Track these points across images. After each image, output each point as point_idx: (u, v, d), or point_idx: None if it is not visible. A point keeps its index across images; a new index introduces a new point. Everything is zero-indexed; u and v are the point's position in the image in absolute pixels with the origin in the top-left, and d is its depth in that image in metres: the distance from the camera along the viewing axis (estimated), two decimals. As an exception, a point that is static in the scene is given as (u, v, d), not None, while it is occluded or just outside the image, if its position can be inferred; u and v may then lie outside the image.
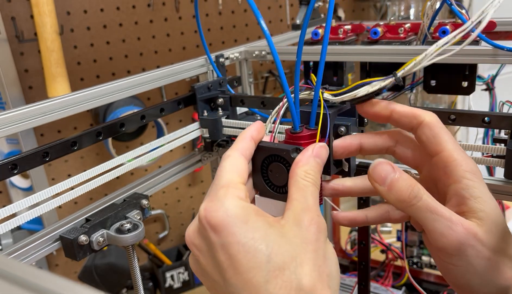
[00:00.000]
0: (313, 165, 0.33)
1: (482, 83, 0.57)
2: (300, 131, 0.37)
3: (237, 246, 0.27)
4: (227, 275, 0.28)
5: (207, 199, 0.30)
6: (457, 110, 0.44)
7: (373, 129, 1.28)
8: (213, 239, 0.28)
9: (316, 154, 0.33)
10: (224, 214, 0.28)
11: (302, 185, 0.31)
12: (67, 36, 0.95)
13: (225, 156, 0.33)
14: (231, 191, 0.30)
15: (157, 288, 1.14)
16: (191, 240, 0.31)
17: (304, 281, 0.27)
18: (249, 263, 0.27)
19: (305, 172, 0.32)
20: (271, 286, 0.27)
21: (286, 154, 0.34)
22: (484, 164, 0.44)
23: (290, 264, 0.27)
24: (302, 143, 0.36)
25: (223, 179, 0.31)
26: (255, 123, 0.35)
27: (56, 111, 0.46)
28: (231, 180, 0.31)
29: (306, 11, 0.54)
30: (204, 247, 0.29)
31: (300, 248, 0.28)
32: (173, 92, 1.10)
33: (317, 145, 0.34)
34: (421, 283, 0.85)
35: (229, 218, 0.28)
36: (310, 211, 0.30)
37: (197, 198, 1.22)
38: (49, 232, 0.45)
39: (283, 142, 0.38)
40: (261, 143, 0.35)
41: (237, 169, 0.32)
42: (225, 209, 0.28)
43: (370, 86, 0.43)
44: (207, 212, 0.29)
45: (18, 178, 0.97)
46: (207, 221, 0.29)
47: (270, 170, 0.36)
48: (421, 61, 0.41)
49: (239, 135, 0.35)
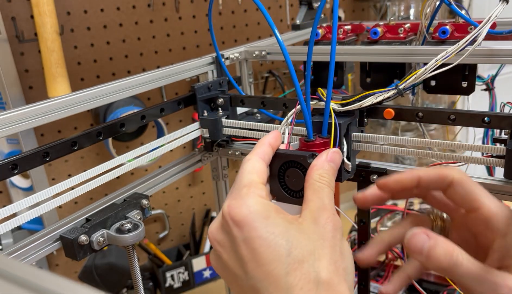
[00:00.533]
0: (328, 168, 0.35)
1: (482, 83, 0.57)
2: (314, 140, 0.39)
3: (259, 240, 0.29)
4: (248, 268, 0.29)
5: (230, 197, 0.32)
6: (457, 110, 0.44)
7: (373, 130, 1.28)
8: (236, 233, 0.30)
9: (330, 158, 0.35)
10: (247, 210, 0.30)
11: (318, 187, 0.33)
12: (67, 36, 0.95)
13: (245, 160, 0.35)
14: (253, 190, 0.32)
15: (157, 287, 1.14)
16: (214, 236, 0.32)
17: (322, 274, 0.28)
18: (270, 256, 0.29)
19: (320, 175, 0.34)
20: (291, 278, 0.28)
21: (303, 160, 0.36)
22: (484, 164, 0.44)
23: (309, 257, 0.29)
24: (316, 151, 0.39)
25: (244, 179, 0.33)
26: (272, 131, 0.38)
27: (56, 111, 0.46)
28: (253, 180, 0.33)
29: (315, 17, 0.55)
30: (227, 242, 0.31)
31: (317, 243, 0.30)
32: (173, 92, 1.10)
33: (331, 151, 0.36)
34: (421, 282, 0.85)
35: (251, 214, 0.30)
36: (326, 210, 0.32)
37: (197, 198, 1.23)
38: (50, 232, 0.45)
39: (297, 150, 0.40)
40: (278, 151, 0.38)
41: (257, 171, 0.34)
42: (247, 206, 0.30)
43: (374, 97, 0.46)
44: (231, 208, 0.31)
45: (18, 178, 0.97)
46: (230, 217, 0.30)
47: (287, 175, 0.38)
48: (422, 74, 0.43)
49: (258, 142, 0.37)
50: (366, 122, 0.48)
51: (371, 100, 0.45)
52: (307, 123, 0.39)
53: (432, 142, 0.45)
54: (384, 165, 0.51)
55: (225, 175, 0.71)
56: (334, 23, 0.38)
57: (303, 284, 0.28)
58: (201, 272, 1.14)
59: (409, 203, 1.17)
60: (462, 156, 0.45)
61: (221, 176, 0.70)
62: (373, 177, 0.50)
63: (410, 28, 0.59)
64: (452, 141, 0.45)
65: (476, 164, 0.45)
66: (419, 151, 0.47)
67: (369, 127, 1.28)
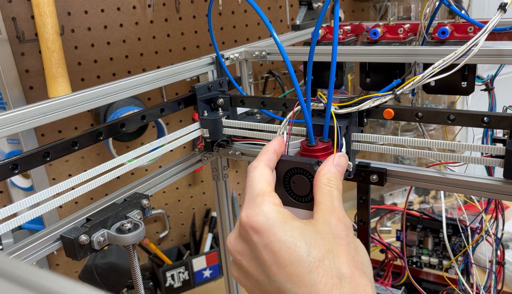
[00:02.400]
0: (335, 172, 0.36)
1: (481, 84, 0.57)
2: (316, 145, 0.40)
3: (279, 244, 0.30)
4: (271, 271, 0.30)
5: (245, 207, 0.33)
6: (456, 111, 0.44)
7: (373, 130, 1.28)
8: (256, 240, 0.31)
9: (336, 163, 0.37)
10: (264, 217, 0.32)
11: (327, 190, 0.35)
12: (68, 36, 0.95)
13: (252, 167, 0.36)
14: (267, 198, 0.33)
15: (158, 287, 1.14)
16: (233, 246, 0.34)
17: (343, 269, 0.30)
18: (291, 257, 0.30)
19: (328, 179, 0.35)
20: (314, 275, 0.29)
21: (310, 167, 0.37)
22: (483, 163, 0.45)
23: (328, 255, 0.30)
24: (318, 156, 0.40)
25: (256, 188, 0.34)
26: (276, 138, 0.40)
27: (57, 112, 0.46)
28: (264, 188, 0.34)
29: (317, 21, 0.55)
30: (247, 250, 0.33)
31: (333, 242, 0.31)
32: (174, 92, 1.10)
33: (337, 155, 0.38)
34: (420, 282, 0.85)
35: (269, 220, 0.31)
36: (336, 212, 0.33)
37: (197, 197, 1.23)
38: (50, 231, 0.45)
39: (298, 154, 0.41)
40: (283, 157, 0.39)
41: (266, 179, 0.35)
42: (264, 214, 0.32)
43: (371, 101, 0.46)
44: (249, 217, 0.32)
45: (19, 177, 0.97)
46: (249, 225, 0.32)
47: (292, 181, 0.39)
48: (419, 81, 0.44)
49: (263, 149, 0.39)
50: (365, 123, 0.49)
51: (368, 104, 0.46)
52: (308, 127, 0.40)
53: (432, 142, 0.45)
54: (384, 165, 0.51)
55: (225, 175, 0.71)
56: (335, 24, 0.38)
57: (327, 280, 0.29)
58: (201, 272, 1.14)
59: (409, 203, 1.17)
60: (461, 156, 0.45)
61: (221, 176, 0.70)
62: (372, 177, 0.50)
63: (409, 29, 0.59)
64: (451, 142, 0.45)
65: (476, 164, 0.45)
66: (418, 151, 0.47)
67: (368, 127, 1.28)
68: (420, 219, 0.81)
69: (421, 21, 0.56)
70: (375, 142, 0.48)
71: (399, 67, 0.57)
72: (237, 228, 0.34)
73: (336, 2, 0.38)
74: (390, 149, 0.48)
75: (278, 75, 1.13)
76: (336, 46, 0.39)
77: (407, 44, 0.58)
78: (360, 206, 0.57)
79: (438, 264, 0.82)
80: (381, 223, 1.24)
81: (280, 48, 0.41)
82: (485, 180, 0.45)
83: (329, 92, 0.40)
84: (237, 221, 0.34)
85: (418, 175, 0.49)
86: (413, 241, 0.83)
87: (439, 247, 0.81)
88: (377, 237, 0.81)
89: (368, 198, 0.58)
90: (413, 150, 0.47)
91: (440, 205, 1.27)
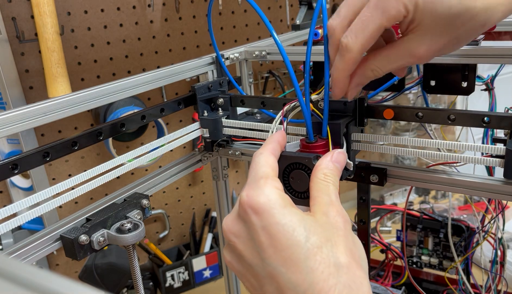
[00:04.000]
0: (332, 168, 0.36)
1: (481, 84, 0.57)
2: (315, 141, 0.40)
3: (277, 226, 0.30)
4: (266, 254, 0.30)
5: (247, 188, 0.33)
6: (456, 110, 0.44)
7: (373, 130, 1.28)
8: (254, 221, 0.31)
9: (335, 159, 0.36)
10: (266, 198, 0.31)
11: (323, 185, 0.34)
12: (68, 36, 0.95)
13: (258, 153, 0.36)
14: (270, 182, 0.33)
15: (158, 287, 1.14)
16: (229, 228, 0.33)
17: (341, 258, 0.30)
18: (289, 242, 0.29)
19: (324, 175, 0.35)
20: (311, 262, 0.29)
21: (308, 162, 0.37)
22: (483, 164, 0.45)
23: (326, 243, 0.30)
24: (317, 152, 0.40)
25: (260, 171, 0.34)
26: (279, 131, 0.39)
27: (57, 112, 0.46)
28: (268, 172, 0.34)
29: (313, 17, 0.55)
30: (244, 231, 0.32)
31: (331, 232, 0.31)
32: (173, 92, 1.10)
33: (336, 152, 0.37)
34: (420, 282, 0.85)
35: (270, 201, 0.31)
36: (334, 205, 0.33)
37: (197, 197, 1.23)
38: (50, 231, 0.45)
39: (298, 151, 0.41)
40: (282, 153, 0.38)
41: (270, 165, 0.35)
42: (266, 195, 0.31)
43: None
44: (249, 197, 0.31)
45: (18, 177, 0.97)
46: (249, 205, 0.31)
47: (291, 177, 0.38)
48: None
49: (267, 139, 0.38)
50: (366, 122, 0.49)
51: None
52: (307, 125, 0.40)
53: (432, 142, 0.45)
54: (384, 165, 0.51)
55: (225, 175, 0.71)
56: (324, 22, 0.38)
57: (324, 268, 0.29)
58: (201, 272, 1.14)
59: (409, 203, 1.17)
60: (462, 156, 0.45)
61: (221, 176, 0.70)
62: (372, 177, 0.50)
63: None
64: (452, 142, 0.45)
65: (476, 163, 0.45)
66: (419, 151, 0.47)
67: (368, 127, 1.28)
68: (420, 219, 0.81)
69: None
70: (375, 142, 0.48)
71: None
72: (235, 209, 0.33)
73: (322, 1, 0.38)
74: (390, 148, 0.48)
75: (278, 75, 1.13)
76: (327, 44, 0.38)
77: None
78: (360, 206, 0.57)
79: (438, 264, 0.82)
80: (381, 223, 1.24)
81: (280, 48, 0.41)
82: (485, 180, 0.45)
83: (325, 87, 0.40)
84: (236, 202, 0.33)
85: (418, 175, 0.49)
86: (413, 241, 0.83)
87: (439, 247, 0.81)
88: (377, 237, 0.81)
89: (368, 198, 0.58)
90: (413, 150, 0.47)
91: (441, 205, 1.27)
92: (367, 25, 0.35)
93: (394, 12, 0.34)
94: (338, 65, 0.37)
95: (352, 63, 0.37)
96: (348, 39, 0.35)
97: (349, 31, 0.36)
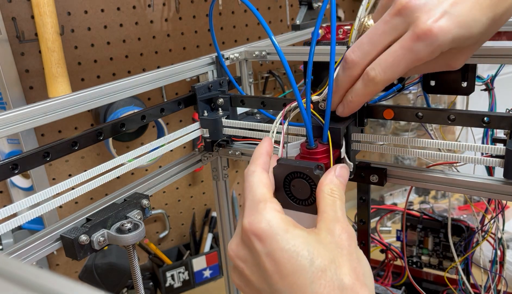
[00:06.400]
0: (337, 183, 0.36)
1: (481, 84, 0.57)
2: (316, 147, 0.40)
3: (281, 252, 0.30)
4: (273, 280, 0.30)
5: (247, 213, 0.33)
6: (456, 110, 0.44)
7: (373, 130, 1.28)
8: (259, 248, 0.31)
9: (338, 174, 0.37)
10: (267, 224, 0.31)
11: (330, 200, 0.35)
12: (68, 36, 0.95)
13: (250, 172, 0.36)
14: (269, 205, 0.33)
15: (158, 287, 1.14)
16: (235, 253, 0.33)
17: (345, 280, 0.30)
18: (293, 267, 0.30)
19: (331, 190, 0.35)
20: (316, 286, 0.29)
21: (310, 171, 0.37)
22: (483, 164, 0.45)
23: (330, 266, 0.30)
24: (318, 159, 0.40)
25: (257, 194, 0.34)
26: (265, 139, 0.39)
27: (57, 112, 0.46)
28: (265, 194, 0.34)
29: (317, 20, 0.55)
30: (249, 257, 0.32)
31: (336, 252, 0.31)
32: (173, 92, 1.10)
33: (339, 167, 0.37)
34: (420, 282, 0.85)
35: (272, 228, 0.31)
36: (339, 222, 0.33)
37: (197, 197, 1.23)
38: (50, 231, 0.45)
39: (298, 157, 0.41)
40: (282, 161, 0.38)
41: (265, 184, 0.35)
42: (267, 221, 0.32)
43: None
44: (251, 224, 0.32)
45: (19, 177, 0.97)
46: (252, 232, 0.32)
47: (292, 185, 0.38)
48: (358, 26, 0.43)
49: (255, 152, 0.38)
50: (365, 123, 0.49)
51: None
52: (308, 130, 0.40)
53: (432, 142, 0.45)
54: (384, 165, 0.51)
55: (225, 175, 0.71)
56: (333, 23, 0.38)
57: (329, 291, 0.29)
58: (201, 272, 1.14)
59: (409, 203, 1.17)
60: (462, 156, 0.45)
61: (221, 176, 0.70)
62: (372, 177, 0.50)
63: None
64: (452, 142, 0.45)
65: (476, 164, 0.45)
66: (419, 151, 0.47)
67: (368, 127, 1.28)
68: (420, 219, 0.81)
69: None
70: (375, 142, 0.48)
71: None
72: (238, 234, 0.34)
73: (332, 2, 0.38)
74: (390, 148, 0.48)
75: (278, 75, 1.13)
76: (334, 46, 0.38)
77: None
78: (360, 206, 0.57)
79: (438, 264, 0.82)
80: (381, 223, 1.24)
81: (277, 50, 0.40)
82: (485, 180, 0.45)
83: (328, 92, 0.40)
84: (238, 228, 0.34)
85: (418, 175, 0.49)
86: (413, 241, 0.83)
87: (439, 247, 0.81)
88: (377, 237, 0.81)
89: (368, 198, 0.58)
90: (413, 150, 0.47)
91: (441, 205, 1.27)
92: (398, 64, 0.35)
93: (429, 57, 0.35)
94: (359, 92, 0.38)
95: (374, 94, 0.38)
96: (376, 73, 0.36)
97: (378, 65, 0.36)
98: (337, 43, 0.63)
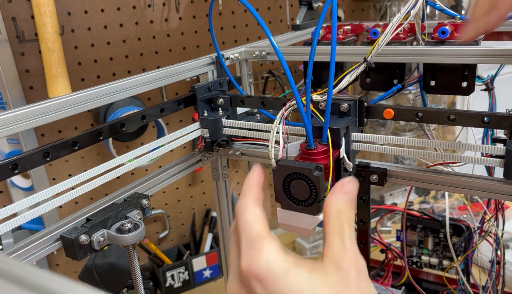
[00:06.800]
0: (344, 203, 0.33)
1: (481, 84, 0.57)
2: (315, 148, 0.40)
3: None
4: None
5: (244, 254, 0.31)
6: (456, 110, 0.44)
7: (373, 130, 1.28)
8: (259, 291, 0.29)
9: (345, 191, 0.34)
10: (267, 266, 0.29)
11: (337, 227, 0.32)
12: (68, 36, 0.95)
13: (242, 207, 0.34)
14: (266, 244, 0.31)
15: (158, 287, 1.14)
16: None
17: None
18: None
19: (338, 212, 0.32)
20: None
21: (309, 173, 0.37)
22: (483, 164, 0.45)
23: None
24: (317, 159, 0.40)
25: (253, 232, 0.32)
26: (254, 168, 0.37)
27: (57, 112, 0.46)
28: (261, 231, 0.32)
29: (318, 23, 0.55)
30: None
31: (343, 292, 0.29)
32: (174, 92, 1.10)
33: (345, 181, 0.34)
34: (420, 282, 0.85)
35: (272, 269, 0.29)
36: (348, 254, 0.31)
37: (197, 197, 1.23)
38: (50, 231, 0.45)
39: (298, 157, 0.41)
40: (282, 162, 0.38)
41: (260, 219, 0.33)
42: (266, 262, 0.30)
43: (349, 76, 0.46)
44: (250, 266, 0.30)
45: (19, 177, 0.97)
46: (251, 274, 0.30)
47: (292, 186, 0.38)
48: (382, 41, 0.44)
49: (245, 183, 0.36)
50: (365, 123, 0.49)
51: (347, 80, 0.46)
52: (307, 131, 0.39)
53: (432, 142, 0.45)
54: (384, 165, 0.51)
55: (225, 175, 0.71)
56: (334, 23, 0.38)
57: None
58: (201, 272, 1.14)
59: (409, 203, 1.17)
60: (462, 156, 0.45)
61: (221, 176, 0.70)
62: (372, 177, 0.50)
63: (409, 29, 0.59)
64: (452, 142, 0.45)
65: (476, 164, 0.45)
66: (419, 151, 0.47)
67: (368, 127, 1.28)
68: (420, 219, 0.81)
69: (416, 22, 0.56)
70: (375, 142, 0.48)
71: (399, 67, 0.57)
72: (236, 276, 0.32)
73: (334, 1, 0.38)
74: (390, 149, 0.48)
75: (278, 75, 1.13)
76: (335, 46, 0.38)
77: (407, 44, 0.58)
78: (360, 206, 0.57)
79: (438, 264, 0.82)
80: (381, 223, 1.24)
81: (276, 50, 0.40)
82: (485, 180, 0.45)
83: (329, 92, 0.40)
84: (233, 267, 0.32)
85: (418, 175, 0.49)
86: (413, 241, 0.83)
87: (439, 247, 0.81)
88: (377, 237, 0.81)
89: (368, 198, 0.58)
90: (413, 150, 0.47)
91: (441, 205, 1.27)
92: None
93: None
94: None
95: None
96: None
97: None
98: (337, 43, 0.63)
